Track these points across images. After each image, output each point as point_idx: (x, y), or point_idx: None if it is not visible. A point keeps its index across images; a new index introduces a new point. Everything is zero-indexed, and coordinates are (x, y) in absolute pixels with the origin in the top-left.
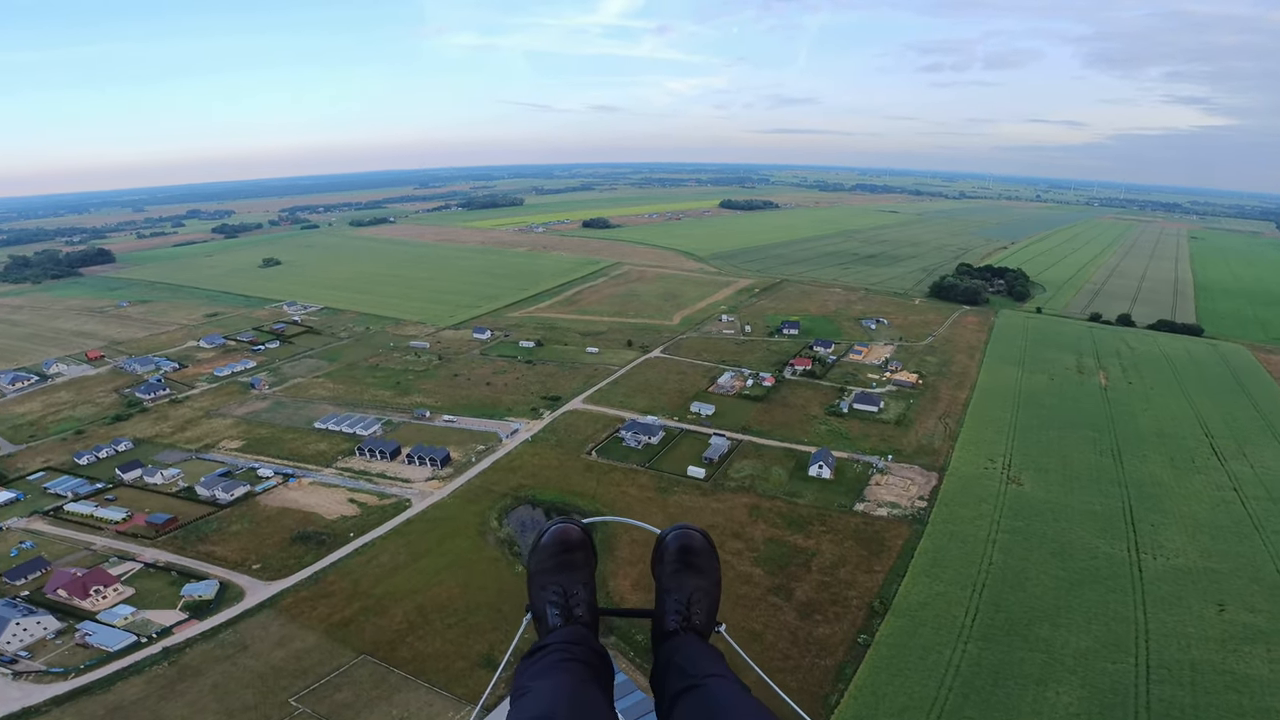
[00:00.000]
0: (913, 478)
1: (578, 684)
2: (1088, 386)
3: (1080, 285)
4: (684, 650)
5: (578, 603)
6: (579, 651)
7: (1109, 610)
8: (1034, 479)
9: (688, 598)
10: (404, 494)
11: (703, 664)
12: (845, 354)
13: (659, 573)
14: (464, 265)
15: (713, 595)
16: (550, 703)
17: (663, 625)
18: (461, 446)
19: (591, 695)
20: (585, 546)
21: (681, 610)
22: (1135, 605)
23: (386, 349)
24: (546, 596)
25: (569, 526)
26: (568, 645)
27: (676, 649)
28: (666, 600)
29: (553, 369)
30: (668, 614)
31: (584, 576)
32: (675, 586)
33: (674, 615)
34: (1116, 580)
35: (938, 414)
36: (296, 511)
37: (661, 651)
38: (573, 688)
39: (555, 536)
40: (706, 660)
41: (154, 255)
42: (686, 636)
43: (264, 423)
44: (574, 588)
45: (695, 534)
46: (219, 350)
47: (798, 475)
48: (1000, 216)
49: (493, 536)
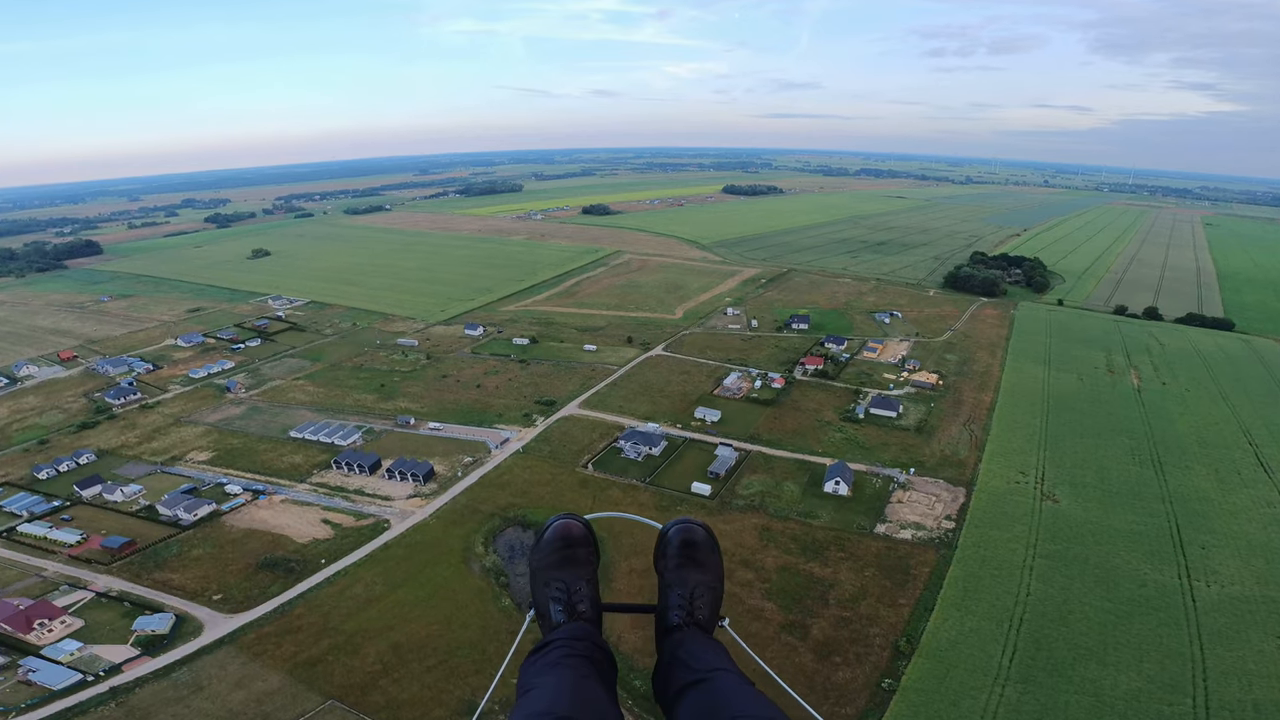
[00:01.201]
0: (938, 494)
1: (581, 679)
2: (1120, 387)
3: (1100, 275)
4: (688, 645)
5: (581, 598)
6: (582, 647)
7: (1162, 646)
8: (1070, 495)
9: (691, 592)
10: (383, 513)
11: (707, 658)
12: (859, 351)
13: (661, 567)
14: (459, 255)
15: (716, 590)
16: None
17: (666, 620)
18: (447, 458)
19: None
20: (588, 542)
21: (685, 605)
22: (1190, 640)
23: (373, 347)
24: (549, 593)
25: (571, 522)
26: (571, 641)
27: (680, 644)
28: (669, 595)
29: (547, 369)
30: (671, 609)
31: (587, 572)
32: (678, 581)
33: (677, 610)
34: (1168, 611)
35: (961, 419)
36: (264, 534)
37: (665, 646)
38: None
39: (557, 532)
40: (711, 654)
41: (143, 246)
42: (690, 631)
43: (237, 431)
44: (577, 583)
45: (697, 528)
46: (197, 349)
47: (812, 491)
48: (1010, 202)
49: (478, 564)
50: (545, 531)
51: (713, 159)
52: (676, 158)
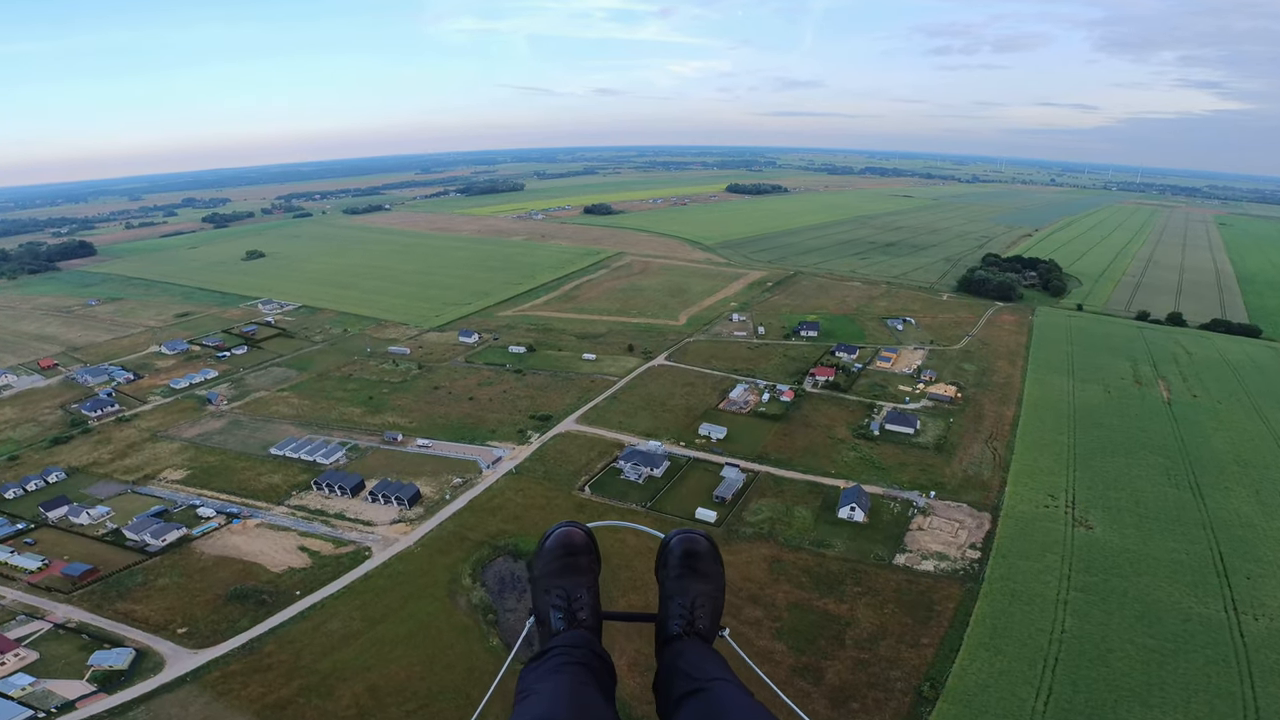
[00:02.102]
0: (961, 520)
1: (579, 687)
2: (1149, 400)
3: (1117, 277)
4: (687, 654)
5: (581, 606)
6: (581, 655)
7: (1210, 686)
8: (1104, 520)
9: (691, 602)
10: (364, 540)
11: (706, 668)
12: (871, 360)
13: (663, 577)
14: (456, 257)
15: (716, 600)
16: (551, 705)
17: (666, 630)
18: (435, 479)
19: (593, 698)
20: (589, 550)
21: (685, 615)
22: (1240, 678)
23: (363, 356)
24: (550, 600)
25: (573, 530)
26: (570, 649)
27: (680, 653)
28: (670, 605)
29: (544, 380)
30: (671, 618)
31: (588, 580)
32: (679, 591)
33: (677, 620)
34: (1216, 648)
35: (983, 436)
36: (236, 562)
37: (665, 656)
38: (574, 690)
39: (559, 540)
40: (710, 664)
41: (137, 247)
42: (690, 641)
43: (214, 447)
44: (578, 591)
45: (700, 538)
46: (181, 357)
47: (825, 517)
48: (1017, 201)
49: (464, 599)
50: (547, 539)
51: (716, 157)
52: (680, 156)
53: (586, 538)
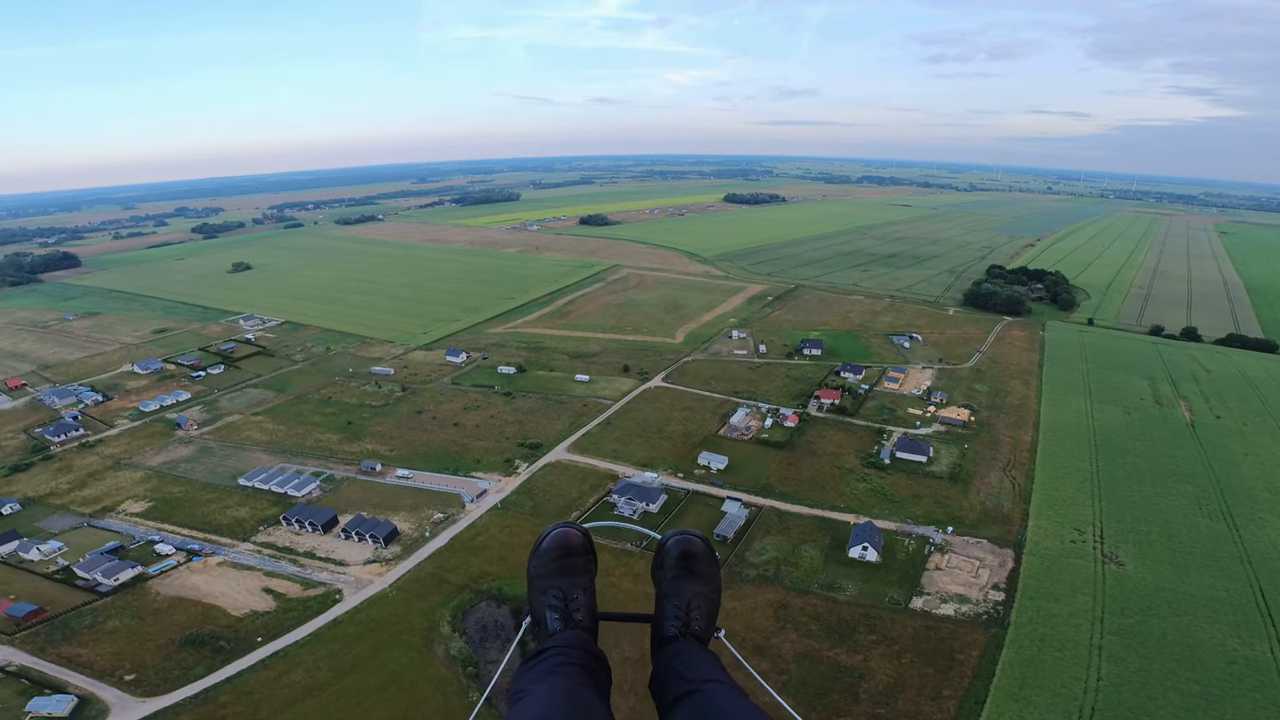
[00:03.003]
0: (981, 557)
1: (575, 688)
2: (1172, 423)
3: (1125, 289)
4: (683, 655)
5: (577, 607)
6: (577, 656)
7: None
8: (1136, 556)
9: (687, 603)
10: (335, 582)
11: (702, 669)
12: (878, 381)
13: (659, 578)
14: (447, 269)
15: (712, 601)
16: (547, 706)
17: (662, 630)
18: (414, 514)
19: (589, 699)
20: (585, 551)
21: (681, 615)
22: None
23: (344, 376)
24: (546, 600)
25: (570, 531)
26: (566, 649)
27: (675, 654)
28: (666, 605)
29: (534, 404)
30: (667, 619)
31: (584, 581)
32: (675, 592)
33: (673, 621)
34: (1265, 692)
35: (1000, 464)
36: (194, 604)
37: (660, 657)
38: (570, 691)
39: (556, 541)
40: (705, 666)
41: (123, 258)
42: (686, 642)
43: (179, 477)
44: (574, 592)
45: (696, 540)
46: (153, 377)
47: (835, 557)
48: (1017, 210)
49: (442, 649)
50: (543, 540)
51: (714, 166)
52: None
53: (583, 538)
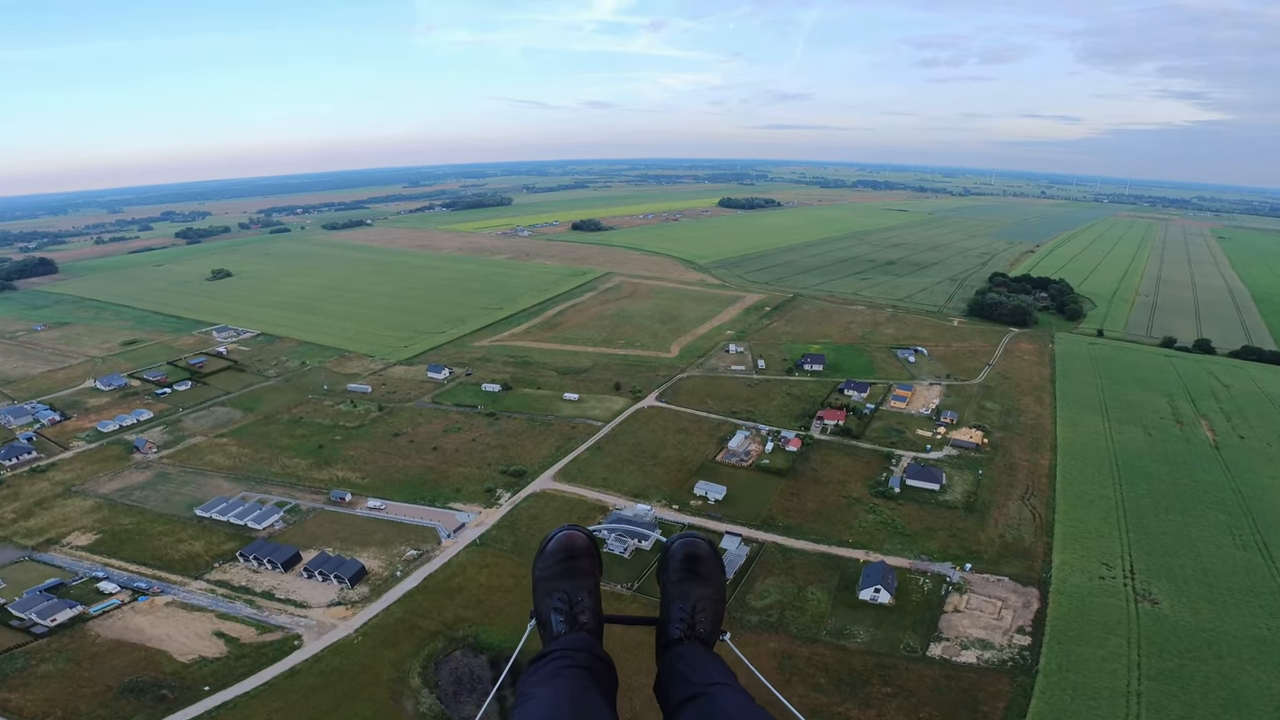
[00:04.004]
0: (1004, 597)
1: (580, 690)
2: (1195, 444)
3: (1130, 297)
4: (688, 658)
5: (582, 609)
6: (582, 658)
7: None
8: (1171, 592)
9: (692, 606)
10: (294, 626)
11: (707, 672)
12: (884, 399)
13: (664, 581)
14: (434, 277)
15: (717, 604)
16: (552, 708)
17: (667, 633)
18: (385, 550)
19: (595, 701)
20: (591, 554)
21: (686, 618)
22: None
23: (318, 394)
24: (551, 603)
25: (575, 533)
26: (571, 652)
27: (680, 657)
28: (671, 608)
29: (520, 425)
30: (672, 622)
31: (589, 584)
32: (680, 595)
33: (678, 623)
34: None
35: (1018, 491)
36: (137, 647)
37: (665, 660)
38: (575, 694)
39: (561, 543)
40: (710, 668)
41: (102, 265)
42: (690, 645)
43: (132, 506)
44: (579, 594)
45: (701, 543)
46: (116, 394)
47: (844, 599)
48: (1013, 215)
49: (411, 703)
50: (549, 542)
51: (708, 170)
52: (671, 169)
53: (588, 541)
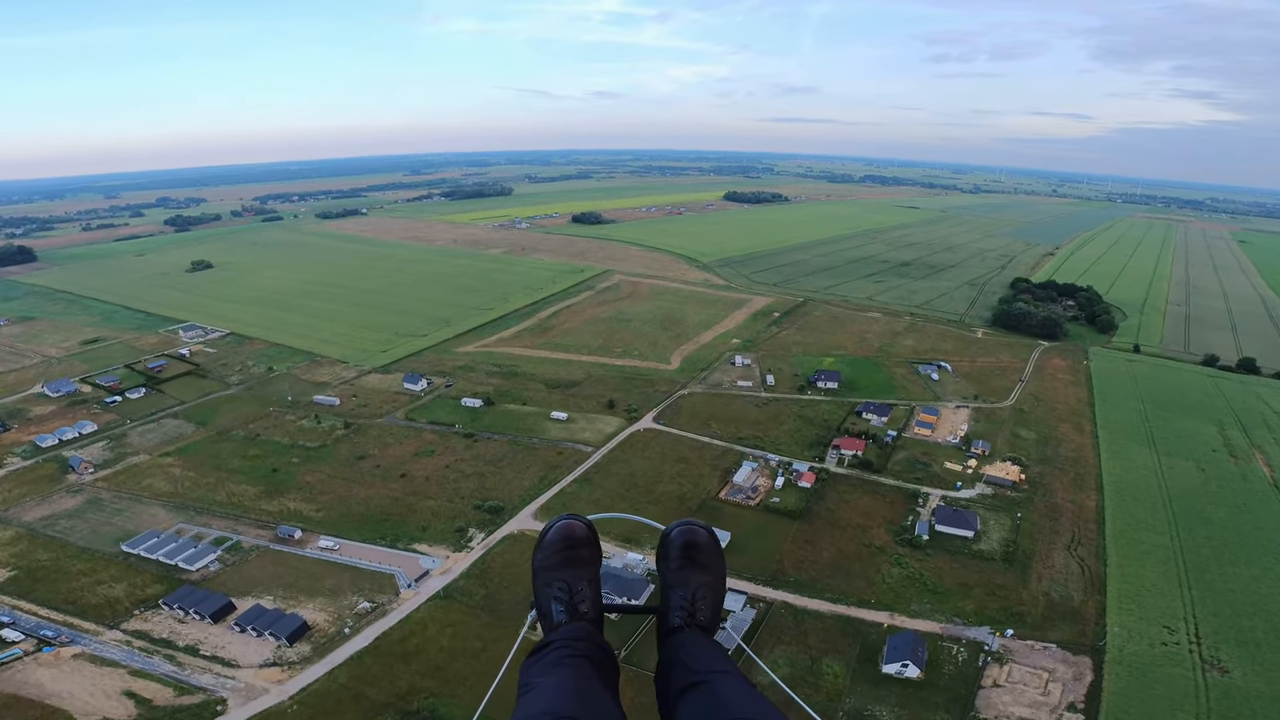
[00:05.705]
0: (1051, 668)
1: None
2: (1253, 481)
3: (1162, 307)
4: (688, 646)
5: (583, 599)
6: (584, 648)
7: None
8: (1241, 659)
9: (692, 594)
10: (218, 689)
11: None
12: (907, 424)
13: (664, 569)
14: (423, 272)
15: (718, 591)
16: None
17: (667, 621)
18: (334, 600)
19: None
20: (591, 543)
21: (686, 606)
22: None
23: (281, 406)
24: (551, 593)
25: (574, 522)
26: (572, 642)
27: (681, 645)
28: (671, 596)
29: (500, 449)
30: (672, 610)
31: (589, 573)
32: (680, 583)
33: (679, 611)
34: None
35: (1063, 540)
36: (33, 705)
37: (666, 648)
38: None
39: (560, 532)
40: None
41: (83, 253)
42: (691, 632)
43: (54, 538)
44: (579, 584)
45: (700, 530)
46: (63, 402)
47: (865, 673)
48: (1026, 214)
49: None
50: (548, 531)
51: (713, 163)
52: (676, 161)
53: (588, 530)
